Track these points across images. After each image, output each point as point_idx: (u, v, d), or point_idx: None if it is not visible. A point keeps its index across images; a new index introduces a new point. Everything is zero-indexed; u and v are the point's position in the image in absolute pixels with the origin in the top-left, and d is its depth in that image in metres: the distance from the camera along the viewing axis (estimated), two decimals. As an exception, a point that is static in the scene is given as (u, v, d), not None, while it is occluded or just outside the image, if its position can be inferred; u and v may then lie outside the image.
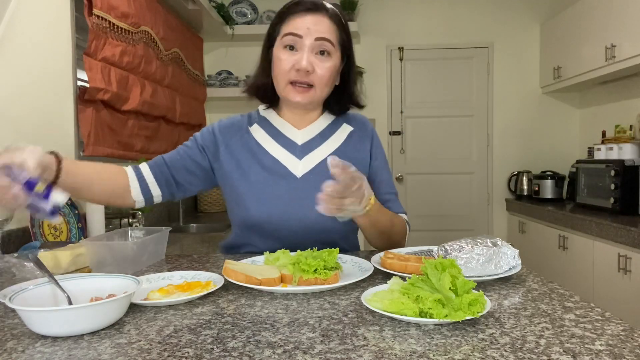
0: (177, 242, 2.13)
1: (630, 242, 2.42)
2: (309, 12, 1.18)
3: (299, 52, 1.17)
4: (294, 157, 1.26)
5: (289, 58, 1.18)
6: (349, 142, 1.31)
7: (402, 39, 4.11)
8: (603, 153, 3.12)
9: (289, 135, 1.28)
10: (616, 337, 0.66)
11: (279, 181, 1.23)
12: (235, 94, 3.77)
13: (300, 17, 1.18)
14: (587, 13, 3.29)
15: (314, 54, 1.18)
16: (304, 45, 1.17)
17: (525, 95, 4.11)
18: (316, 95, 1.22)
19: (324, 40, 1.17)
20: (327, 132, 1.30)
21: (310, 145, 1.28)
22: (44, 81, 1.88)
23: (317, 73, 1.18)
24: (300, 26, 1.17)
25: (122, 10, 2.31)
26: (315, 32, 1.16)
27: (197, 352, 0.64)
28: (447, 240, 1.05)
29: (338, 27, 1.21)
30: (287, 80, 1.19)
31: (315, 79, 1.19)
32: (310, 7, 1.18)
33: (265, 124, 1.31)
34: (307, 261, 0.92)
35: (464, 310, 0.70)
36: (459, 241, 0.98)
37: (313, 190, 1.21)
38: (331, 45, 1.19)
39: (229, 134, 1.30)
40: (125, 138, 2.43)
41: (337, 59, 1.22)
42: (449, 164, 4.15)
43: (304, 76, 1.18)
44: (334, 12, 1.21)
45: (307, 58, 1.16)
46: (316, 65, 1.18)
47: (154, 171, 1.24)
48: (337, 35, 1.20)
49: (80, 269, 1.14)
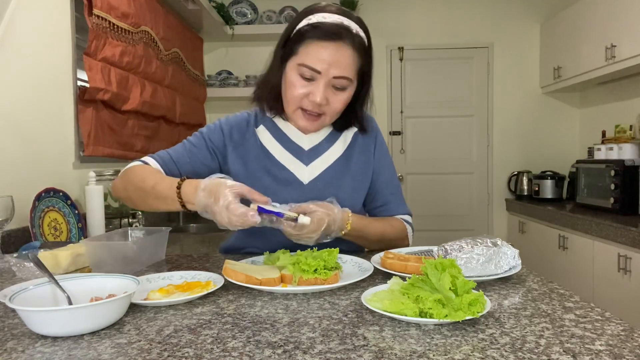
0: (177, 242, 2.13)
1: (630, 242, 2.42)
2: (331, 40, 1.10)
3: (315, 84, 1.12)
4: (300, 162, 1.25)
5: (303, 88, 1.13)
6: (354, 144, 1.30)
7: (402, 39, 4.10)
8: (603, 153, 3.12)
9: (295, 140, 1.26)
10: (616, 337, 0.66)
11: (285, 188, 1.22)
12: (235, 94, 3.77)
13: (321, 46, 1.10)
14: (587, 13, 3.29)
15: (329, 87, 1.14)
16: (320, 80, 1.12)
17: (525, 95, 4.11)
18: (325, 122, 1.21)
19: (342, 78, 1.13)
20: (333, 135, 1.29)
21: (317, 150, 1.26)
22: (43, 81, 1.88)
23: (331, 105, 1.16)
24: (319, 60, 1.10)
25: (122, 10, 2.31)
26: (335, 70, 1.11)
27: (197, 352, 0.64)
28: (447, 240, 1.05)
29: (360, 54, 1.14)
30: (298, 106, 1.16)
31: (327, 110, 1.16)
32: (333, 34, 1.10)
33: (271, 126, 1.28)
34: (307, 261, 0.92)
35: (464, 310, 0.70)
36: (459, 241, 0.98)
37: (319, 197, 1.21)
38: (348, 82, 1.14)
39: (236, 133, 1.27)
40: (125, 138, 2.43)
41: (353, 88, 1.18)
42: (449, 164, 4.15)
43: (316, 107, 1.15)
44: (358, 38, 1.13)
45: (322, 93, 1.12)
46: (330, 97, 1.14)
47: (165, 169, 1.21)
48: (357, 65, 1.15)
49: (80, 269, 1.14)
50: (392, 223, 1.29)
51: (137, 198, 1.14)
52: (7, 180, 1.65)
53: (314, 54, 1.11)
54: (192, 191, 1.01)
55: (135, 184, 1.13)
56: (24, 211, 1.64)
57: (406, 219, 1.34)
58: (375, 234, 1.23)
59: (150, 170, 1.15)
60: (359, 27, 1.15)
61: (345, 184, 1.26)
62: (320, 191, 1.23)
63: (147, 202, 1.12)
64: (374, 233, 1.22)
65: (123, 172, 1.20)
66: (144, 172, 1.14)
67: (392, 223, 1.29)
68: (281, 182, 1.23)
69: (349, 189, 1.26)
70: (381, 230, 1.25)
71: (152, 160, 1.21)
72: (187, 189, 1.02)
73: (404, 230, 1.31)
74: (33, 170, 1.80)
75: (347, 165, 1.27)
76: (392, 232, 1.27)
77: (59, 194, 1.81)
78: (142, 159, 1.22)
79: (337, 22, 1.11)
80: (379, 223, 1.26)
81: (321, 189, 1.23)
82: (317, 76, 1.12)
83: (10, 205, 1.41)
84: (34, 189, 1.71)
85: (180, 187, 1.03)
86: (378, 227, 1.24)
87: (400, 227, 1.30)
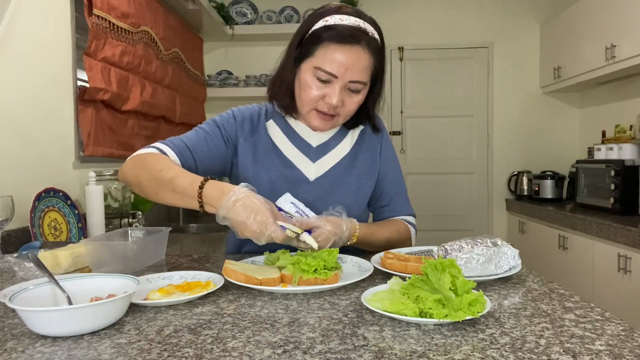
0: (177, 242, 2.13)
1: (630, 242, 2.42)
2: (348, 44, 1.10)
3: (330, 87, 1.13)
4: (307, 159, 1.25)
5: (318, 90, 1.14)
6: (360, 142, 1.31)
7: (402, 39, 4.10)
8: (603, 153, 3.12)
9: (303, 136, 1.26)
10: (616, 337, 0.66)
11: (291, 183, 1.22)
12: (235, 94, 3.78)
13: (338, 50, 1.10)
14: (587, 13, 3.29)
15: (345, 90, 1.15)
16: (336, 83, 1.13)
17: (525, 95, 4.11)
18: (338, 123, 1.22)
19: (358, 82, 1.13)
20: (340, 133, 1.30)
21: (324, 147, 1.27)
22: (43, 81, 1.88)
23: (345, 107, 1.17)
24: (336, 64, 1.10)
25: (122, 10, 2.31)
26: (351, 74, 1.12)
27: (197, 352, 0.64)
28: (447, 240, 1.05)
29: (375, 56, 1.15)
30: (312, 107, 1.17)
31: (341, 111, 1.18)
32: (350, 37, 1.10)
33: (280, 121, 1.28)
34: (306, 261, 0.92)
35: (464, 310, 0.70)
36: (459, 241, 0.98)
37: (324, 194, 1.22)
38: (364, 85, 1.15)
39: (248, 124, 1.26)
40: (125, 138, 2.43)
41: (367, 89, 1.19)
42: (449, 164, 4.15)
43: (331, 109, 1.16)
44: (374, 41, 1.14)
45: (338, 96, 1.13)
46: (345, 100, 1.16)
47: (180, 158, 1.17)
48: (372, 67, 1.16)
49: (80, 269, 1.14)
50: (397, 228, 1.29)
51: (149, 187, 1.09)
52: (7, 180, 1.65)
53: (330, 58, 1.11)
54: (218, 195, 0.97)
55: (151, 173, 1.08)
56: (24, 211, 1.64)
57: (409, 220, 1.34)
58: (380, 240, 1.22)
59: (168, 161, 1.11)
60: (374, 29, 1.15)
61: (351, 182, 1.26)
62: (326, 188, 1.24)
63: (160, 193, 1.08)
64: (379, 240, 1.22)
65: (136, 158, 1.15)
66: (162, 162, 1.10)
67: (397, 228, 1.29)
68: (288, 178, 1.23)
69: (354, 186, 1.26)
70: (387, 237, 1.24)
71: (168, 149, 1.16)
72: (211, 191, 0.99)
73: (408, 233, 1.31)
74: (33, 170, 1.80)
75: (353, 163, 1.28)
76: (397, 237, 1.27)
77: (59, 194, 1.81)
78: (155, 145, 1.17)
79: (354, 25, 1.11)
80: (385, 229, 1.25)
81: (327, 186, 1.24)
82: (333, 79, 1.12)
83: (10, 205, 1.41)
84: (34, 189, 1.71)
85: (203, 187, 1.00)
86: (384, 234, 1.24)
87: (405, 232, 1.30)
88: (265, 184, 1.21)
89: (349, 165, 1.27)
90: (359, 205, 1.27)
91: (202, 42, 3.84)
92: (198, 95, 3.64)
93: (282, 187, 1.21)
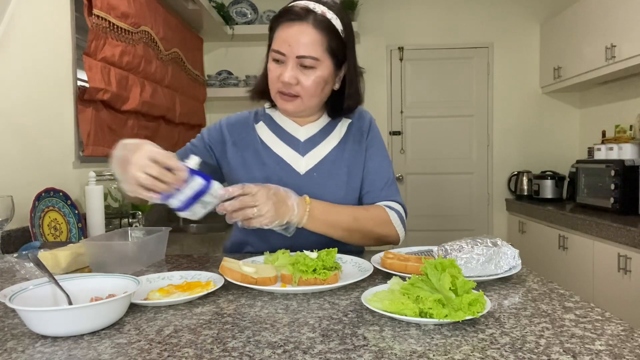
0: (177, 242, 2.13)
1: (630, 242, 2.42)
2: (293, 22, 1.15)
3: (284, 65, 1.18)
4: (296, 153, 1.28)
5: (275, 70, 1.19)
6: (348, 135, 1.32)
7: (402, 39, 4.10)
8: (603, 153, 3.12)
9: (291, 132, 1.30)
10: (616, 337, 0.66)
11: (282, 179, 1.23)
12: (235, 94, 3.78)
13: (285, 29, 1.16)
14: (587, 13, 3.29)
15: (298, 67, 1.17)
16: (287, 61, 1.17)
17: (525, 95, 4.11)
18: (304, 104, 1.22)
19: (304, 57, 1.15)
20: (328, 127, 1.32)
21: (312, 141, 1.29)
22: (43, 81, 1.88)
23: (302, 84, 1.18)
24: (283, 42, 1.16)
25: (122, 10, 2.31)
26: (296, 50, 1.15)
27: (197, 352, 0.64)
28: (447, 240, 1.05)
29: (326, 34, 1.16)
30: (276, 90, 1.21)
31: (300, 90, 1.19)
32: (294, 16, 1.15)
33: (269, 122, 1.33)
34: (305, 261, 0.92)
35: (464, 310, 0.70)
36: (459, 241, 0.98)
37: (316, 187, 1.24)
38: (313, 60, 1.16)
39: (236, 130, 1.32)
40: (125, 138, 2.43)
41: (326, 67, 1.19)
42: (449, 164, 4.15)
43: (288, 88, 1.19)
44: (322, 18, 1.16)
45: (289, 72, 1.16)
46: (300, 77, 1.18)
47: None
48: (323, 44, 1.16)
49: (80, 269, 1.14)
50: (365, 207, 1.25)
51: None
52: (7, 180, 1.65)
53: (279, 38, 1.18)
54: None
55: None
56: (24, 211, 1.64)
57: (391, 205, 1.26)
58: (346, 220, 1.18)
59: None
60: (328, 9, 1.18)
61: (340, 174, 1.27)
62: (317, 181, 1.26)
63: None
64: (345, 219, 1.17)
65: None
66: None
67: (365, 207, 1.25)
68: (280, 174, 1.25)
69: (344, 178, 1.27)
70: (351, 213, 1.19)
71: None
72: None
73: (382, 214, 1.23)
74: (33, 170, 1.80)
75: (342, 155, 1.29)
76: (366, 215, 1.21)
77: (59, 194, 1.81)
78: None
79: (300, 6, 1.17)
80: (348, 207, 1.21)
81: (317, 179, 1.26)
82: (284, 58, 1.17)
83: (10, 205, 1.41)
84: (34, 189, 1.71)
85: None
86: (346, 210, 1.19)
87: (377, 212, 1.23)
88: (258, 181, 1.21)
89: (338, 157, 1.28)
90: (350, 197, 1.27)
91: (202, 42, 3.84)
92: (198, 95, 3.64)
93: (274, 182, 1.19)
